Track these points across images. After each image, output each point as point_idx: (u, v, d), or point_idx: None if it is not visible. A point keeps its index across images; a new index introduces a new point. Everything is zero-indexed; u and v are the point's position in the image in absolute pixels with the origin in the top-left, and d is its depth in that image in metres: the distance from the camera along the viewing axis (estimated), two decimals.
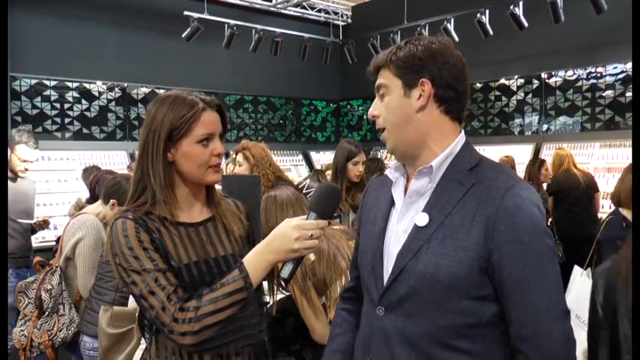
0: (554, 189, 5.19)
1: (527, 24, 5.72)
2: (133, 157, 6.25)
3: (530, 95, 6.82)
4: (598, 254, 3.28)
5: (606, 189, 5.62)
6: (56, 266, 2.80)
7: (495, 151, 6.26)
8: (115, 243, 1.31)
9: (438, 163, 1.19)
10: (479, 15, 5.98)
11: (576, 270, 2.48)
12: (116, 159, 6.34)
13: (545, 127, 6.72)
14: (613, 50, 5.81)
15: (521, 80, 6.88)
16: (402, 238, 1.19)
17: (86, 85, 6.56)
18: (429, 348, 1.14)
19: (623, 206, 3.20)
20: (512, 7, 5.70)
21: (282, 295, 2.05)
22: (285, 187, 2.22)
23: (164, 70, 6.85)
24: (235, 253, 1.44)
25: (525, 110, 6.89)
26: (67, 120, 6.44)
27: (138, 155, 1.40)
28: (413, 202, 1.22)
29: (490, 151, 6.41)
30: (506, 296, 1.11)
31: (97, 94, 6.65)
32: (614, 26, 5.54)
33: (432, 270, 1.12)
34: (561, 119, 6.59)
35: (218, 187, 1.69)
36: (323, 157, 8.19)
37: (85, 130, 6.57)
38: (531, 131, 6.87)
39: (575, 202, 4.99)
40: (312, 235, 1.27)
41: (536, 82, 6.75)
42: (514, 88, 6.96)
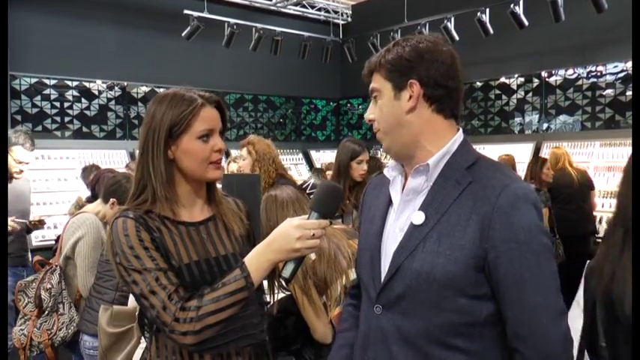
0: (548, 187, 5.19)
1: (527, 23, 5.72)
2: (132, 156, 6.24)
3: (531, 94, 6.81)
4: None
5: (606, 188, 5.62)
6: (56, 265, 2.80)
7: (495, 150, 6.25)
8: (116, 242, 1.31)
9: (434, 161, 1.19)
10: (479, 14, 5.98)
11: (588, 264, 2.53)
12: (116, 158, 6.33)
13: (546, 125, 6.71)
14: (613, 49, 5.80)
15: (522, 79, 6.87)
16: (399, 236, 1.20)
17: (86, 84, 6.55)
18: (425, 346, 1.14)
19: None
20: (512, 5, 5.70)
21: (283, 295, 2.05)
22: (286, 186, 2.22)
23: (164, 69, 6.84)
24: (236, 252, 1.43)
25: (525, 109, 6.88)
26: (66, 119, 6.44)
27: (138, 154, 1.40)
28: (410, 201, 1.22)
29: (490, 150, 6.40)
30: (503, 295, 1.11)
31: (96, 92, 6.64)
32: (614, 25, 5.53)
33: (428, 268, 1.12)
34: (561, 118, 6.58)
35: (218, 185, 1.69)
36: (323, 156, 8.18)
37: (85, 129, 6.57)
38: (531, 130, 6.87)
39: (569, 200, 4.99)
40: (313, 235, 1.27)
41: (537, 81, 6.74)
42: (514, 86, 6.96)
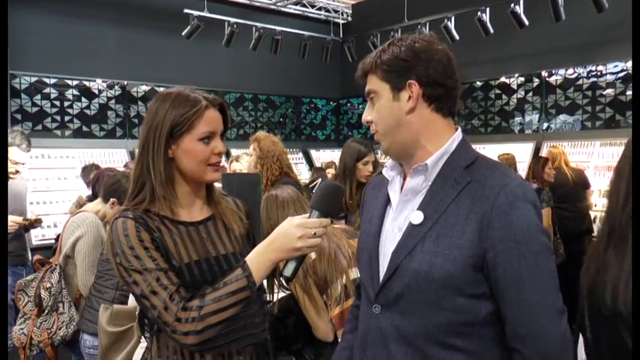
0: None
1: (527, 22, 5.71)
2: (133, 155, 6.23)
3: (531, 93, 6.81)
4: None
5: (606, 187, 5.61)
6: (56, 264, 2.80)
7: (495, 150, 6.24)
8: (116, 242, 1.30)
9: (433, 161, 1.19)
10: (479, 13, 5.97)
11: None
12: (116, 157, 6.33)
13: (546, 125, 6.71)
14: (613, 48, 5.80)
15: (522, 78, 6.86)
16: (398, 236, 1.19)
17: (86, 83, 6.55)
18: (424, 346, 1.14)
19: None
20: (512, 5, 5.70)
21: (284, 294, 2.05)
22: (287, 185, 2.22)
23: (164, 68, 6.84)
24: (236, 251, 1.43)
25: (526, 108, 6.88)
26: (66, 118, 6.43)
27: (138, 151, 1.39)
28: (408, 200, 1.22)
29: (490, 150, 6.39)
30: (502, 294, 1.11)
31: (96, 91, 6.64)
32: (614, 24, 5.53)
33: (426, 268, 1.12)
34: (562, 117, 6.58)
35: (218, 185, 1.69)
36: (323, 155, 8.19)
37: (85, 128, 6.57)
38: (532, 130, 6.86)
39: (564, 199, 4.99)
40: (315, 234, 1.27)
41: (537, 81, 6.74)
42: (514, 86, 6.95)
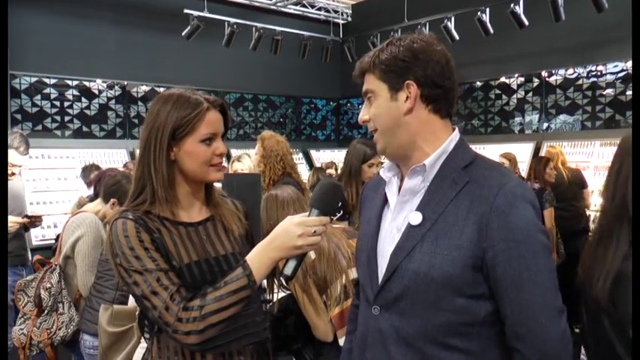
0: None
1: (527, 22, 5.72)
2: (133, 156, 6.24)
3: (531, 94, 6.81)
4: None
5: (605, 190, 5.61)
6: (55, 264, 2.80)
7: (495, 150, 6.24)
8: (116, 243, 1.30)
9: (431, 161, 1.19)
10: (479, 13, 5.98)
11: None
12: (116, 157, 6.33)
13: (546, 125, 6.71)
14: (613, 48, 5.80)
15: (522, 79, 6.87)
16: (396, 237, 1.19)
17: (86, 83, 6.55)
18: (424, 347, 1.14)
19: None
20: (512, 5, 5.70)
21: (283, 294, 2.05)
22: (287, 185, 2.23)
23: (164, 69, 6.84)
24: (235, 252, 1.43)
25: (526, 109, 6.88)
26: (66, 118, 6.43)
27: (139, 153, 1.39)
28: (407, 201, 1.22)
29: (490, 150, 6.40)
30: (501, 294, 1.11)
31: (96, 92, 6.64)
32: (614, 24, 5.53)
33: (426, 269, 1.12)
34: (562, 117, 6.58)
35: (218, 185, 1.69)
36: (323, 156, 8.19)
37: (85, 129, 6.57)
38: (532, 130, 6.86)
39: (560, 199, 4.99)
40: (315, 232, 1.27)
41: (537, 81, 6.74)
42: (514, 86, 6.95)
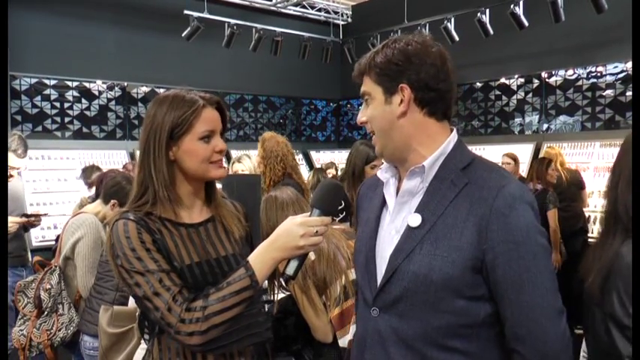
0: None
1: (527, 23, 5.72)
2: (132, 157, 6.24)
3: (531, 94, 6.81)
4: None
5: (605, 188, 5.61)
6: (55, 266, 2.80)
7: (495, 151, 6.25)
8: (117, 244, 1.30)
9: (430, 162, 1.18)
10: (479, 14, 5.98)
11: None
12: (116, 158, 6.33)
13: (546, 126, 6.71)
14: (613, 49, 5.80)
15: (522, 79, 6.86)
16: (395, 238, 1.19)
17: (86, 84, 6.55)
18: (423, 348, 1.13)
19: None
20: (512, 6, 5.70)
21: (283, 295, 2.05)
22: (287, 187, 2.22)
23: (164, 70, 6.84)
24: (236, 253, 1.43)
25: (525, 109, 6.88)
26: (66, 119, 6.43)
27: (139, 156, 1.39)
28: (405, 203, 1.21)
29: (490, 151, 6.40)
30: (501, 296, 1.11)
31: (96, 93, 6.64)
32: (614, 25, 5.53)
33: (425, 271, 1.12)
34: (561, 118, 6.58)
35: (218, 185, 1.69)
36: (323, 157, 8.19)
37: (85, 130, 6.57)
38: (531, 130, 6.87)
39: (559, 200, 5.00)
40: (317, 232, 1.27)
41: (537, 82, 6.74)
42: (514, 87, 6.95)
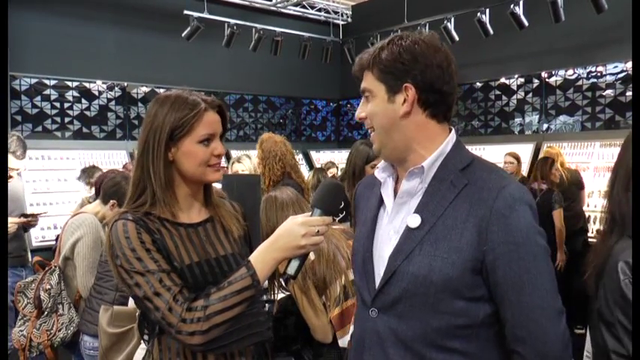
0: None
1: (527, 23, 5.72)
2: (132, 157, 6.24)
3: (531, 94, 6.81)
4: None
5: (606, 188, 5.60)
6: (55, 266, 2.80)
7: (495, 151, 6.25)
8: (116, 245, 1.30)
9: (429, 163, 1.18)
10: (479, 14, 5.98)
11: None
12: (116, 158, 6.33)
13: (546, 126, 6.71)
14: (613, 49, 5.79)
15: (522, 79, 6.86)
16: (394, 239, 1.19)
17: (86, 85, 6.55)
18: (422, 349, 1.13)
19: None
20: (512, 6, 5.70)
21: (283, 295, 2.05)
22: (286, 187, 2.23)
23: (164, 70, 6.84)
24: (235, 253, 1.44)
25: (525, 109, 6.88)
26: (66, 119, 6.43)
27: (138, 155, 1.39)
28: (404, 203, 1.21)
29: (490, 151, 6.40)
30: (501, 297, 1.11)
31: (96, 93, 6.64)
32: (614, 25, 5.53)
33: (425, 272, 1.12)
34: (561, 118, 6.58)
35: (218, 185, 1.69)
36: (323, 157, 8.19)
37: (85, 130, 6.57)
38: (531, 130, 6.86)
39: None
40: (318, 232, 1.27)
41: (537, 82, 6.74)
42: (514, 87, 6.95)
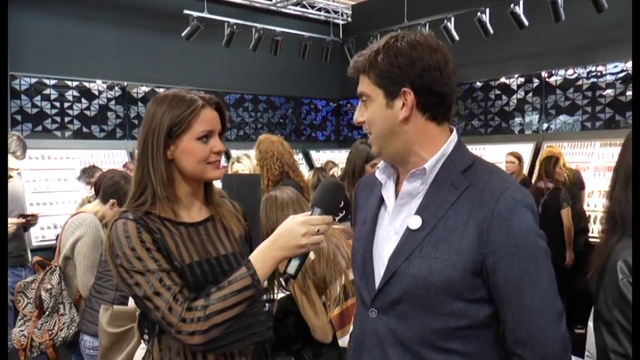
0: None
1: (527, 23, 5.71)
2: (132, 156, 6.24)
3: (531, 94, 6.81)
4: None
5: (606, 188, 5.59)
6: (55, 265, 2.80)
7: (495, 150, 6.25)
8: (116, 244, 1.30)
9: (430, 165, 1.17)
10: (479, 14, 5.98)
11: None
12: (116, 158, 6.33)
13: (546, 126, 6.71)
14: (613, 49, 5.79)
15: (522, 79, 6.86)
16: (394, 240, 1.18)
17: (86, 84, 6.55)
18: (422, 350, 1.13)
19: None
20: (512, 5, 5.70)
21: (283, 294, 2.05)
22: (286, 187, 2.23)
23: (164, 69, 6.84)
24: (235, 252, 1.44)
25: (526, 109, 6.88)
26: (66, 119, 6.43)
27: (138, 155, 1.39)
28: (405, 204, 1.20)
29: (490, 150, 6.41)
30: (501, 299, 1.11)
31: (96, 92, 6.64)
32: (614, 25, 5.53)
33: (425, 273, 1.11)
34: (561, 118, 6.57)
35: (218, 185, 1.69)
36: (323, 156, 8.18)
37: (85, 129, 6.56)
38: (532, 130, 6.86)
39: None
40: (318, 231, 1.27)
41: (537, 81, 6.73)
42: (514, 87, 6.95)
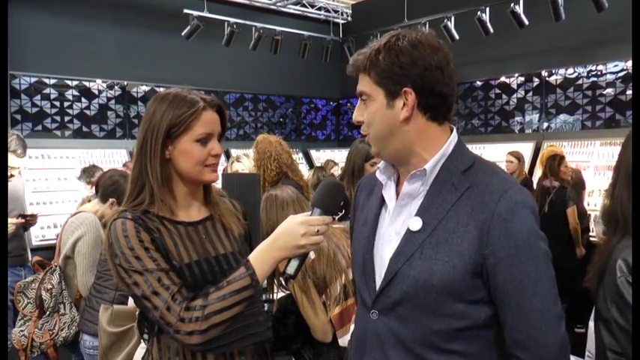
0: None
1: (527, 22, 5.71)
2: (132, 156, 6.22)
3: (531, 93, 6.81)
4: None
5: (606, 187, 5.60)
6: (55, 265, 2.80)
7: (496, 150, 6.25)
8: (115, 244, 1.30)
9: (431, 166, 1.16)
10: (479, 13, 5.98)
11: None
12: (116, 157, 6.33)
13: (546, 125, 6.71)
14: (613, 48, 5.79)
15: (522, 78, 6.86)
16: (395, 241, 1.18)
17: (86, 84, 6.55)
18: (423, 351, 1.13)
19: None
20: (512, 4, 5.70)
21: (282, 294, 2.05)
22: (286, 186, 2.23)
23: (164, 69, 6.84)
24: (235, 251, 1.43)
25: (526, 108, 6.88)
26: (66, 118, 6.43)
27: (136, 152, 1.39)
28: (405, 205, 1.20)
29: (490, 149, 6.41)
30: (501, 301, 1.10)
31: (96, 92, 6.64)
32: (614, 24, 5.52)
33: (426, 275, 1.11)
34: (562, 117, 6.57)
35: (218, 185, 1.69)
36: (323, 155, 8.18)
37: (85, 129, 6.57)
38: (532, 129, 6.86)
39: None
40: (318, 231, 1.26)
41: (537, 80, 6.73)
42: (514, 86, 6.95)
